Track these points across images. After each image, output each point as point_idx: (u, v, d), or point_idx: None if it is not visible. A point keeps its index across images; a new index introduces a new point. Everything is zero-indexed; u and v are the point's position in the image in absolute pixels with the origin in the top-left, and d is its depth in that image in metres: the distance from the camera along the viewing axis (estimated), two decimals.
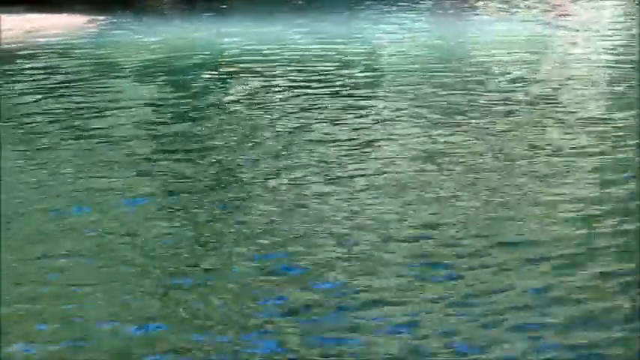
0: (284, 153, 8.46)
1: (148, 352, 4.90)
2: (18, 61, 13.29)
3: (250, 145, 8.78)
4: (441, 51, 14.25)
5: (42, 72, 12.46)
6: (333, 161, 8.18)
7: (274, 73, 12.35)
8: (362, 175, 7.77)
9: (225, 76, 12.54)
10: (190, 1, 22.54)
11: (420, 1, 21.14)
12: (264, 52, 13.93)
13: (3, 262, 5.94)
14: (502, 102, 10.44)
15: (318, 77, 11.97)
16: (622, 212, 6.84)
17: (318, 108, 10.21)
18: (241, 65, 13.06)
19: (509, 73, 12.13)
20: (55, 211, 6.91)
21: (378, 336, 5.04)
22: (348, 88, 11.44)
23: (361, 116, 9.81)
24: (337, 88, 11.34)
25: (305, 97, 10.80)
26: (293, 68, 12.62)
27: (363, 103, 10.55)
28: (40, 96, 10.93)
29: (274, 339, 5.03)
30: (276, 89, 11.31)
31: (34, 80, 11.92)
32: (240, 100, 10.87)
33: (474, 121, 9.57)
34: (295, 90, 11.17)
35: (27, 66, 12.89)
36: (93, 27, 16.85)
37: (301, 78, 11.95)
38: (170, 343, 4.98)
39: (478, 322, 5.17)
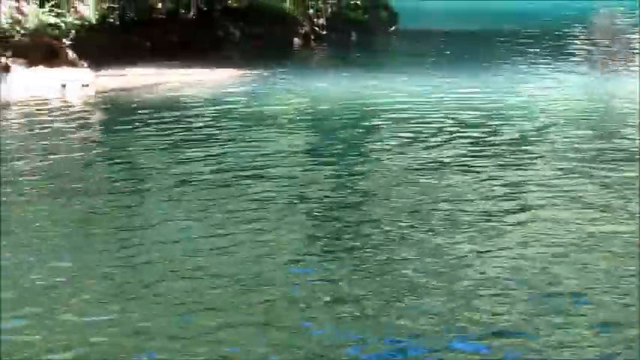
0: (439, 203, 8.14)
1: None
2: (173, 112, 13.36)
3: (403, 195, 8.48)
4: (589, 105, 13.79)
5: (196, 122, 12.52)
6: (486, 214, 7.82)
7: (423, 123, 12.14)
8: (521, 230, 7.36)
9: (373, 127, 12.31)
10: (344, 48, 22.67)
11: (569, 55, 20.79)
12: (413, 104, 13.75)
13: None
14: None
15: (468, 129, 11.69)
16: None
17: (468, 158, 9.94)
18: (389, 115, 12.89)
19: None
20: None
21: None
22: (499, 140, 11.16)
23: (513, 168, 9.48)
24: (488, 140, 11.07)
25: (454, 147, 10.56)
26: (440, 120, 12.37)
27: (513, 153, 10.30)
28: (193, 145, 10.92)
29: None
30: (425, 141, 11.01)
31: (188, 130, 11.94)
32: (389, 150, 10.63)
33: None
34: (442, 142, 10.91)
35: (182, 117, 12.94)
36: (246, 79, 16.97)
37: (450, 130, 11.69)
38: None
39: None
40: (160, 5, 20.15)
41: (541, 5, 35.34)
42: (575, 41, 24.88)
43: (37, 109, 13.69)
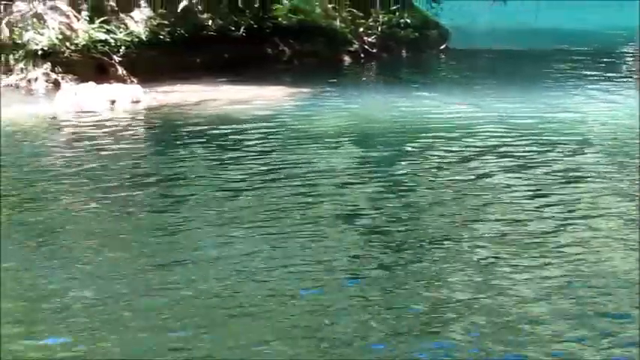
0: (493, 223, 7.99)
1: None
2: (224, 128, 13.19)
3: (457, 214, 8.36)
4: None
5: (247, 138, 12.38)
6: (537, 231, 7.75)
7: (471, 140, 12.00)
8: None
9: (426, 143, 12.02)
10: (394, 67, 22.46)
11: (624, 74, 20.46)
12: (468, 120, 13.58)
13: None
14: None
15: (524, 147, 11.47)
16: None
17: (526, 179, 9.76)
18: (442, 133, 12.70)
19: None
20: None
21: None
22: (552, 153, 11.10)
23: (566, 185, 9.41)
24: (543, 154, 10.98)
25: (507, 164, 10.42)
26: (495, 137, 12.21)
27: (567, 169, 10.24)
28: (244, 161, 10.84)
29: None
30: (477, 158, 10.86)
31: (239, 146, 11.83)
32: (441, 167, 10.48)
33: None
34: (497, 159, 10.78)
35: (233, 133, 12.81)
36: (297, 97, 16.79)
37: (507, 146, 11.55)
38: None
39: None
40: (210, 22, 20.02)
41: (590, 25, 34.89)
42: (630, 61, 24.46)
43: (86, 125, 13.59)
